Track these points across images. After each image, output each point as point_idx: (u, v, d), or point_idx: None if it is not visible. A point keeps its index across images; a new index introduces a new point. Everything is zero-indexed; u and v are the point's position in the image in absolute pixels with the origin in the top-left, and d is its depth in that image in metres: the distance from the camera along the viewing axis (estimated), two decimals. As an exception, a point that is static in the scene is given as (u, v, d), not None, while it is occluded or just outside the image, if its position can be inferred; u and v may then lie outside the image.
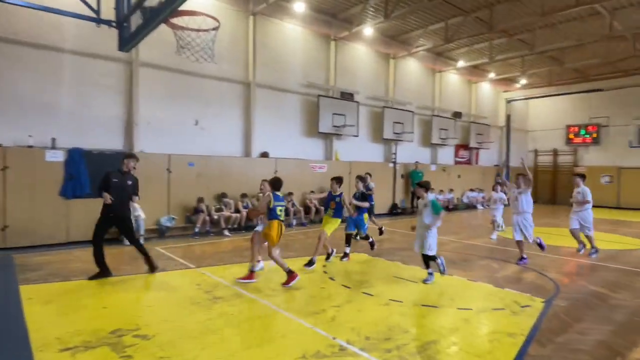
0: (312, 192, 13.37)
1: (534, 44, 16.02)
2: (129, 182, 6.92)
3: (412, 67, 18.21)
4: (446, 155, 20.23)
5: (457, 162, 20.84)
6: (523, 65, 19.23)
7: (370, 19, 14.11)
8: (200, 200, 10.79)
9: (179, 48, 7.22)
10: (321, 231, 7.72)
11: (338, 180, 7.97)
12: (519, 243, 8.21)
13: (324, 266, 7.59)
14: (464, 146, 21.06)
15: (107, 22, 7.47)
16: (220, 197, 11.43)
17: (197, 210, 10.75)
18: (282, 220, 6.42)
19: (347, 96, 15.19)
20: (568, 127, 22.97)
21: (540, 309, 5.38)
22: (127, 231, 7.02)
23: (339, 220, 7.89)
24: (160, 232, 10.38)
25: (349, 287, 6.27)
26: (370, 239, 8.74)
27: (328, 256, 7.95)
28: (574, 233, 9.22)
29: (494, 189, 11.79)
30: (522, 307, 5.50)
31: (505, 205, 11.20)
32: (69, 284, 6.24)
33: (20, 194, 8.68)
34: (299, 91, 14.14)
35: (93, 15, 7.40)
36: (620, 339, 4.55)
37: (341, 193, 7.87)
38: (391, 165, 16.57)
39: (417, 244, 6.76)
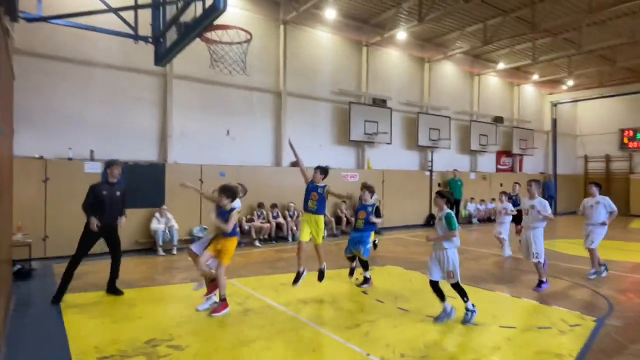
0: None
1: (581, 43, 15.01)
2: (118, 193, 6.52)
3: (448, 71, 17.60)
4: (487, 163, 19.33)
5: (498, 170, 19.87)
6: (570, 66, 18.11)
7: (404, 22, 13.76)
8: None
9: (212, 62, 7.32)
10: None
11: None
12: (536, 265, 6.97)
13: (357, 279, 7.32)
14: (507, 153, 20.06)
15: (144, 39, 7.67)
16: (257, 207, 11.40)
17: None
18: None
19: (379, 102, 14.85)
20: (622, 130, 21.40)
21: (591, 329, 4.99)
22: (116, 245, 6.60)
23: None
24: (192, 242, 10.42)
25: (382, 302, 6.06)
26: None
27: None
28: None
29: (500, 199, 10.06)
30: (571, 326, 5.12)
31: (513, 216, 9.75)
32: (106, 293, 6.43)
33: (60, 205, 8.97)
34: (330, 99, 13.97)
35: (131, 32, 7.61)
36: None
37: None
38: (427, 173, 15.99)
39: (434, 269, 5.35)
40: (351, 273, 7.18)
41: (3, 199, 4.61)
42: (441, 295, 5.27)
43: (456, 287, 5.24)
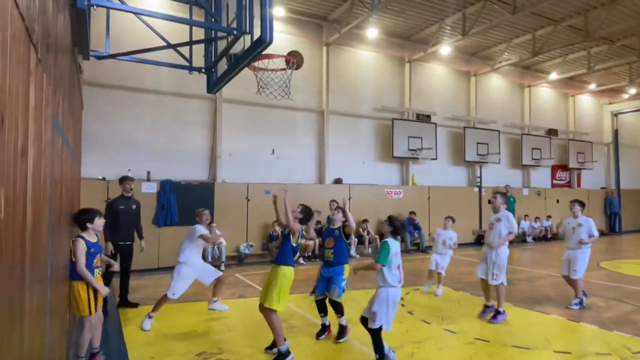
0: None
1: (643, 49, 14.11)
2: (134, 207, 6.86)
3: (495, 84, 17.10)
4: (541, 178, 18.37)
5: (554, 185, 18.80)
6: (630, 73, 16.98)
7: (447, 37, 13.65)
8: (274, 225, 11.02)
9: (259, 88, 7.69)
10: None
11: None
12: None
13: (402, 299, 7.17)
14: (563, 167, 18.97)
15: (198, 69, 8.24)
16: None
17: (272, 237, 10.99)
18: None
19: (423, 118, 14.69)
20: (695, 140, 19.57)
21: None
22: (128, 260, 6.78)
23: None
24: (239, 259, 10.77)
25: (429, 323, 5.93)
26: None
27: None
28: (567, 280, 7.03)
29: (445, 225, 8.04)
30: (634, 353, 4.79)
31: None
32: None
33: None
34: (372, 116, 14.03)
35: (186, 64, 8.21)
36: None
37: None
38: (476, 189, 15.47)
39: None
40: (322, 331, 5.38)
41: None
42: None
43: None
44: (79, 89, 6.60)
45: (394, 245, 4.36)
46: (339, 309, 5.26)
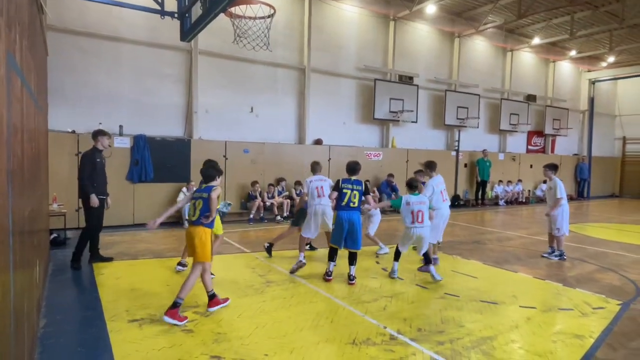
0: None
1: (624, 16, 14.09)
2: (104, 161, 6.60)
3: (479, 46, 16.93)
4: (517, 143, 18.70)
5: (529, 151, 19.20)
6: (611, 41, 17.06)
7: (433, -4, 13.25)
8: (254, 185, 10.95)
9: (236, 37, 7.35)
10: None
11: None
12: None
13: (377, 256, 7.43)
14: (538, 133, 19.32)
15: (170, 14, 7.76)
16: (277, 183, 11.56)
17: (251, 197, 10.95)
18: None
19: (405, 80, 14.51)
20: (666, 110, 20.15)
21: (615, 312, 4.92)
22: (101, 215, 6.54)
23: None
24: (221, 217, 10.70)
25: (402, 279, 6.13)
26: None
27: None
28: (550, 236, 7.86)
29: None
30: (594, 308, 5.07)
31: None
32: (136, 262, 6.81)
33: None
34: (354, 75, 13.75)
35: (157, 7, 7.70)
36: None
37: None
38: (453, 153, 15.64)
39: None
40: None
41: (40, 171, 4.85)
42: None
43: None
44: (42, 32, 6.13)
45: (406, 197, 6.05)
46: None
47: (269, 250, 7.30)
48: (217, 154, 10.81)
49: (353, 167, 6.10)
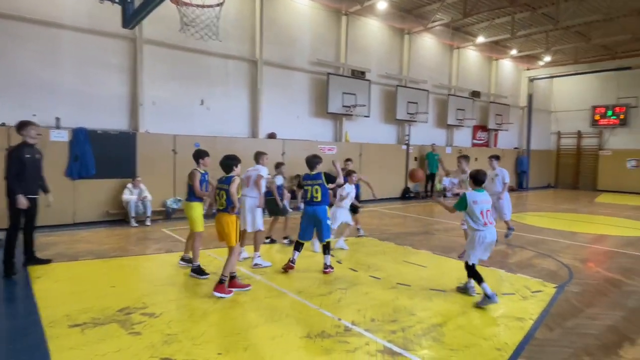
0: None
1: (559, 19, 15.09)
2: (38, 156, 5.95)
3: (428, 44, 17.47)
4: (463, 137, 19.56)
5: (474, 145, 20.16)
6: (547, 42, 18.24)
7: (384, -8, 13.47)
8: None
9: (182, 25, 7.07)
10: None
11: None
12: None
13: (332, 249, 7.41)
14: (483, 127, 20.33)
15: (110, -1, 7.28)
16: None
17: (202, 192, 10.65)
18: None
19: (358, 74, 14.68)
20: (594, 107, 21.89)
21: (552, 295, 5.26)
22: (35, 216, 6.08)
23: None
24: (166, 214, 10.31)
25: (356, 271, 6.21)
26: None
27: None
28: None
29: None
30: (533, 292, 5.40)
31: None
32: (76, 263, 6.40)
33: (25, 174, 8.64)
34: (308, 69, 13.70)
35: (95, -10, 7.20)
36: (631, 325, 4.46)
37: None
38: (404, 147, 16.08)
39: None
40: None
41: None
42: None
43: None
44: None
45: (472, 195, 4.99)
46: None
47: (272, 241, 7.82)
48: (165, 148, 10.41)
49: (310, 162, 6.17)
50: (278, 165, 7.95)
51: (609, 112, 21.38)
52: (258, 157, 6.89)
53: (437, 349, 3.79)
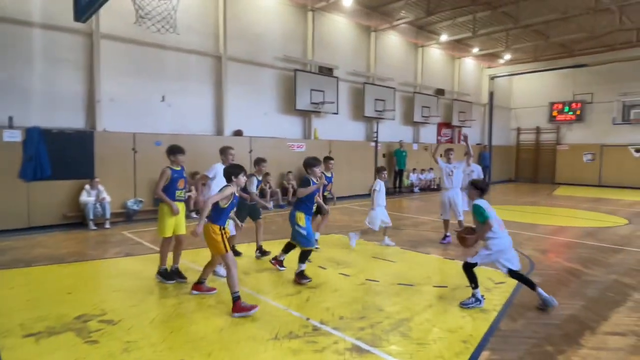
0: (289, 172, 13.02)
1: (519, 17, 15.61)
2: None
3: (393, 41, 17.66)
4: (428, 134, 19.94)
5: (439, 141, 20.51)
6: (507, 40, 18.85)
7: (349, -12, 13.48)
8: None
9: (138, 18, 6.80)
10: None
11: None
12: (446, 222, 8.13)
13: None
14: (447, 124, 20.79)
15: (58, -11, 6.90)
16: (191, 177, 10.95)
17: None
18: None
19: (325, 71, 14.65)
20: (552, 104, 22.83)
21: (514, 286, 5.36)
22: None
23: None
24: (127, 216, 9.91)
25: (325, 268, 6.17)
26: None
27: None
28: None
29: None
30: (496, 283, 5.52)
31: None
32: (32, 269, 6.08)
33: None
34: (274, 65, 13.53)
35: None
36: (591, 313, 4.59)
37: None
38: (372, 144, 16.20)
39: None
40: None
41: None
42: None
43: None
44: None
45: (485, 204, 4.74)
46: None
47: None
48: (124, 146, 10.00)
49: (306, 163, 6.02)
50: (257, 162, 6.90)
51: (566, 108, 22.35)
52: (221, 152, 6.28)
53: (404, 343, 3.79)
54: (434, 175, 18.60)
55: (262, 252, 6.71)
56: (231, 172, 4.68)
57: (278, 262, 6.10)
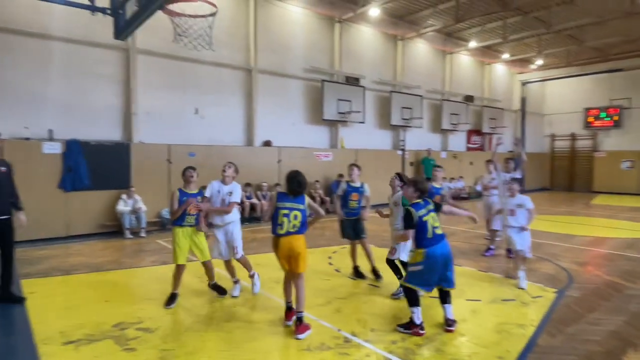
0: (317, 181, 13.07)
1: (551, 22, 15.21)
2: (3, 169, 5.11)
3: (420, 49, 17.55)
4: (458, 142, 19.61)
5: (469, 149, 20.21)
6: (539, 45, 18.37)
7: (376, -2, 13.53)
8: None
9: (176, 36, 7.06)
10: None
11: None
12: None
13: (329, 258, 7.38)
14: (477, 131, 20.39)
15: (102, 10, 7.28)
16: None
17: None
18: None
19: (352, 81, 14.70)
20: (587, 110, 22.02)
21: (552, 300, 5.21)
22: (9, 240, 5.08)
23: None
24: (161, 225, 10.20)
25: (354, 279, 6.15)
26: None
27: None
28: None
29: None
30: (533, 297, 5.35)
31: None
32: (70, 277, 6.30)
33: (18, 187, 8.50)
34: (302, 76, 13.71)
35: (88, 2, 7.19)
36: (634, 329, 4.39)
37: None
38: (400, 152, 16.08)
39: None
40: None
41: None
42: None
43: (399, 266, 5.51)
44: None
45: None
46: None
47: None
48: (159, 158, 10.34)
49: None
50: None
51: (603, 114, 21.51)
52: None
53: (437, 358, 3.72)
54: (463, 183, 18.23)
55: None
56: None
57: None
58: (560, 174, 23.58)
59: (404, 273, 4.94)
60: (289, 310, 4.48)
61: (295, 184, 4.33)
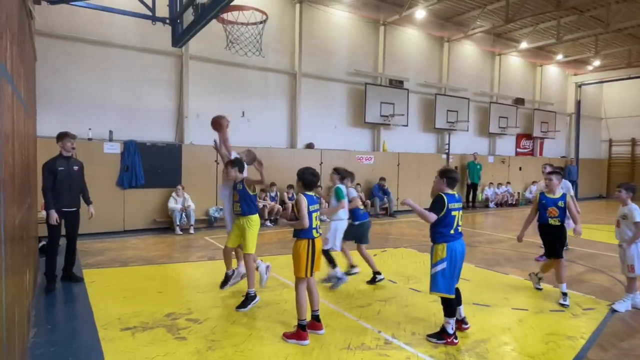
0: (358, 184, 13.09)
1: (609, 21, 14.37)
2: (76, 168, 5.78)
3: (468, 51, 17.14)
4: (506, 146, 18.92)
5: (518, 153, 19.44)
6: (596, 45, 17.38)
7: (423, 0, 13.39)
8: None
9: (228, 43, 7.37)
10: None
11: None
12: None
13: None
14: (527, 136, 19.58)
15: (162, 20, 7.79)
16: (270, 186, 11.51)
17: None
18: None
19: (396, 84, 14.62)
20: (649, 113, 20.56)
21: (605, 313, 4.98)
22: (74, 228, 5.86)
23: None
24: (209, 222, 10.67)
25: (395, 282, 6.15)
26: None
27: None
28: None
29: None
30: (585, 309, 5.14)
31: None
32: (127, 269, 6.74)
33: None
34: (345, 80, 13.81)
35: (149, 13, 7.71)
36: None
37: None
38: (444, 156, 15.77)
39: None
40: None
41: (29, 178, 4.79)
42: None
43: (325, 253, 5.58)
44: (31, 38, 6.07)
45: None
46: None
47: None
48: (208, 159, 10.80)
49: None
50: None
51: (668, 118, 19.98)
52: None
53: (481, 366, 3.68)
54: (511, 189, 17.59)
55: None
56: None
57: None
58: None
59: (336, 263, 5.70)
60: (317, 321, 4.30)
61: (309, 175, 4.40)
